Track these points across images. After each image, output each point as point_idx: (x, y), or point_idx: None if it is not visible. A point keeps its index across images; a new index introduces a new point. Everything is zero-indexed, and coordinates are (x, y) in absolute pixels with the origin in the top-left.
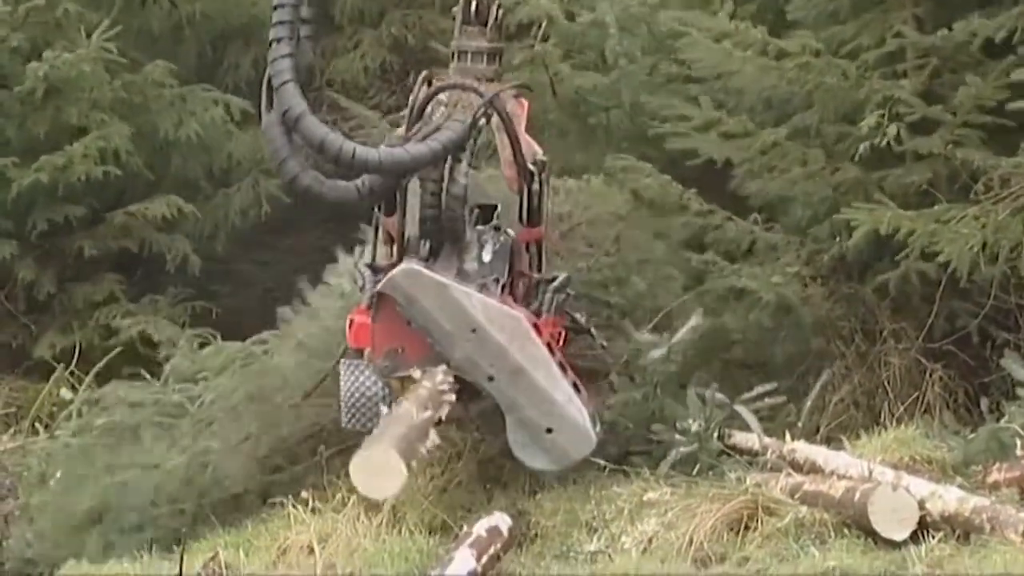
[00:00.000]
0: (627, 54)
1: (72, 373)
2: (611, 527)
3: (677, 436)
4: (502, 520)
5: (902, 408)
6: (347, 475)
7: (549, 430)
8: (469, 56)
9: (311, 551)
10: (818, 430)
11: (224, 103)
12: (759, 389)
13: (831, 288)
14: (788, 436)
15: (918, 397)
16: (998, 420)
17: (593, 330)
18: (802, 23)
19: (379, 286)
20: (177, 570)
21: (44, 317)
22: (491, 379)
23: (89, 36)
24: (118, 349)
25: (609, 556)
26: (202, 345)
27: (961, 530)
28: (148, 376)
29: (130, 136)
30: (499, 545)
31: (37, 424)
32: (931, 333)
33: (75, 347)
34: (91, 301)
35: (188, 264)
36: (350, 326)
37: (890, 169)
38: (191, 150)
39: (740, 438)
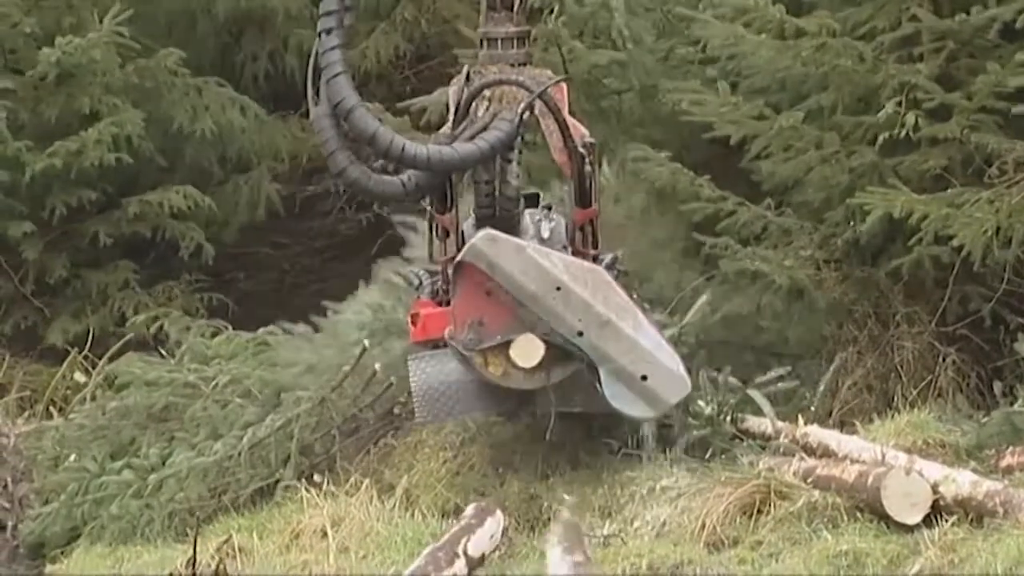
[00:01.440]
0: (634, 36)
1: (86, 357)
2: (624, 511)
3: (690, 420)
4: None
5: (915, 392)
6: (359, 458)
7: (644, 377)
8: (499, 42)
9: (324, 534)
10: (831, 414)
11: (240, 105)
12: (772, 373)
13: (844, 272)
14: (801, 420)
15: (931, 381)
16: (1011, 404)
17: (646, 306)
18: (818, 4)
19: (460, 255)
20: (191, 553)
21: (57, 301)
22: (580, 334)
23: (102, 20)
24: (131, 335)
25: (622, 540)
26: (214, 334)
27: (974, 514)
28: (162, 351)
29: (143, 122)
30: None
31: (51, 408)
32: (944, 317)
33: (88, 332)
34: (104, 288)
35: (203, 253)
36: (414, 320)
37: (906, 154)
38: (204, 141)
39: (753, 422)
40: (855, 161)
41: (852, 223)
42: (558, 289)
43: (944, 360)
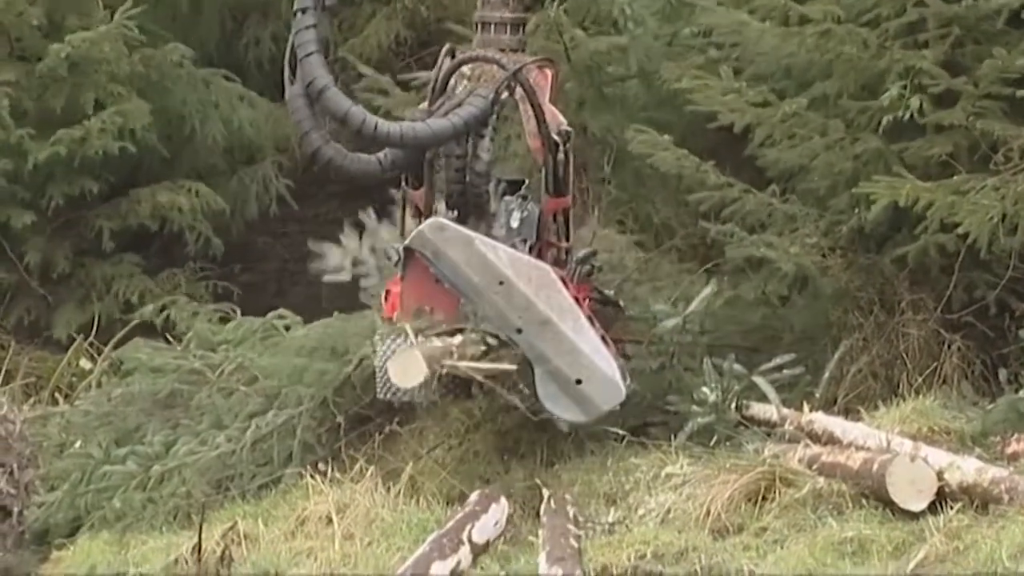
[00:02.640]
0: (635, 18)
1: (91, 344)
2: (629, 498)
3: (694, 407)
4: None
5: (920, 379)
6: (364, 447)
7: (578, 381)
8: (493, 27)
9: (329, 521)
10: (836, 401)
11: (249, 100)
12: (777, 360)
13: (850, 259)
14: (806, 407)
15: (936, 368)
16: (1017, 391)
17: (621, 302)
18: None
19: (406, 241)
20: (196, 540)
21: (61, 291)
22: (519, 331)
23: (108, 9)
24: (136, 322)
25: (627, 526)
26: (222, 320)
27: (979, 501)
28: (169, 339)
29: (148, 113)
30: None
31: (57, 394)
32: (950, 304)
33: (93, 321)
34: (109, 277)
35: (211, 246)
36: (386, 297)
37: (911, 141)
38: (207, 133)
39: (758, 409)
40: (860, 148)
41: (857, 210)
42: (501, 284)
43: (949, 347)
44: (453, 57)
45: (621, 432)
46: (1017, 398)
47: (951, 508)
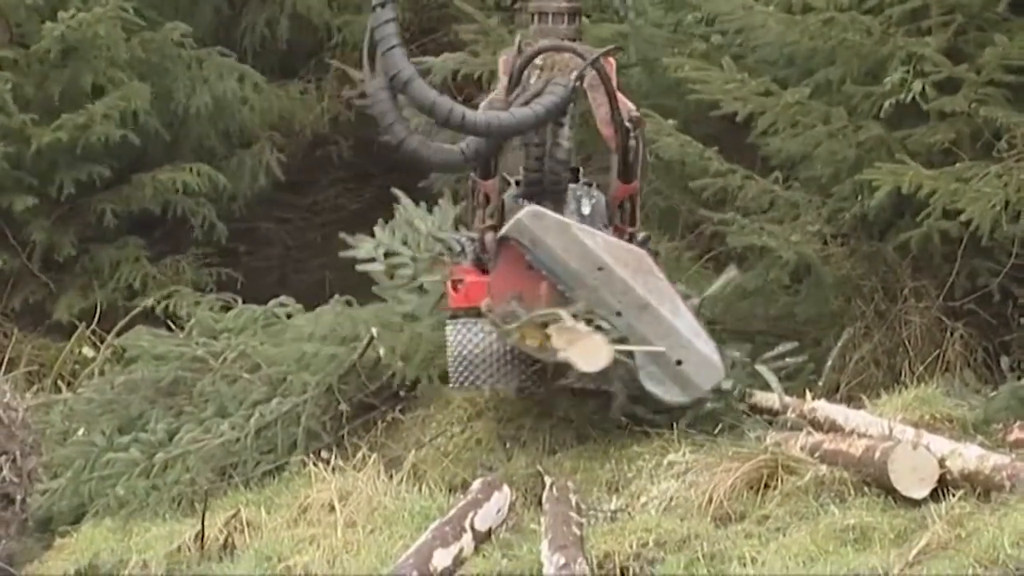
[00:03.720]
0: (636, 7)
1: (94, 332)
2: (631, 486)
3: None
4: None
5: (922, 367)
6: (368, 434)
7: (679, 362)
8: (550, 17)
9: (332, 508)
10: (838, 389)
11: (239, 73)
12: (779, 348)
13: (852, 247)
14: (808, 395)
15: (939, 355)
16: (1019, 378)
17: (682, 289)
18: None
19: (504, 230)
20: (199, 527)
21: (64, 277)
22: (619, 314)
23: None
24: (139, 308)
25: (629, 514)
26: (224, 308)
27: (981, 488)
28: (172, 327)
29: (148, 95)
30: None
31: (60, 382)
32: (952, 291)
33: (95, 308)
34: (113, 263)
35: (215, 231)
36: (455, 286)
37: (913, 128)
38: (206, 115)
39: (760, 397)
40: (863, 135)
41: (860, 198)
42: (600, 269)
43: (952, 335)
44: (520, 49)
45: (624, 419)
46: (1019, 385)
47: (953, 496)
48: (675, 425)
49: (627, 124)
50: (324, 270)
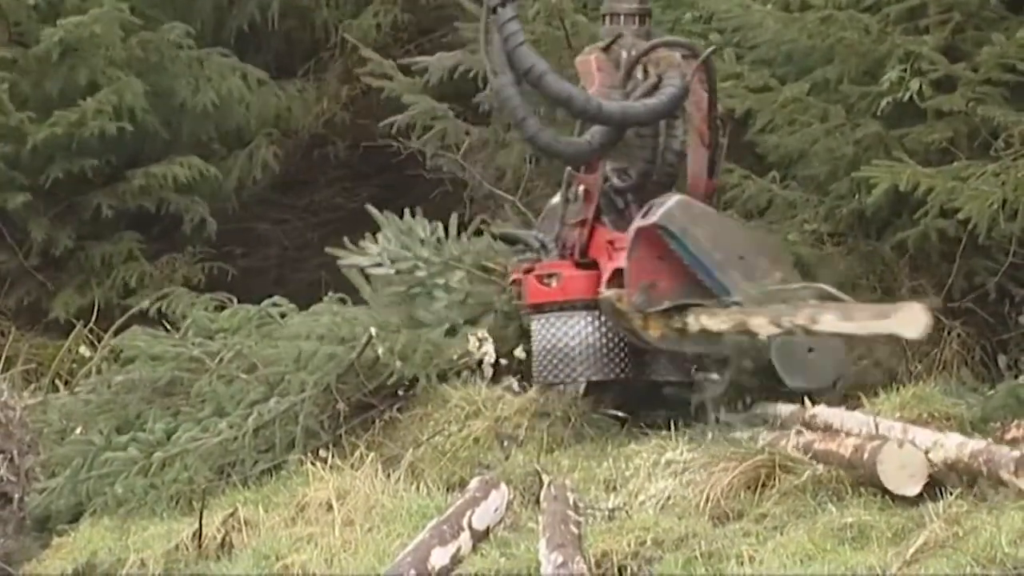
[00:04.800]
0: None
1: (91, 331)
2: (629, 484)
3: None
4: None
5: (920, 366)
6: (366, 433)
7: (810, 349)
8: (622, 18)
9: (329, 507)
10: (835, 388)
11: (241, 72)
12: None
13: (850, 246)
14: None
15: (936, 354)
16: (1016, 377)
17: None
18: None
19: (656, 218)
20: (197, 526)
21: (61, 275)
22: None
23: None
24: (136, 308)
25: (627, 513)
26: (219, 308)
27: (963, 476)
28: (168, 327)
29: (145, 94)
30: None
31: (57, 381)
32: (950, 291)
33: (93, 305)
34: (109, 259)
35: (206, 226)
36: (541, 279)
37: (911, 126)
38: (205, 113)
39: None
40: (860, 133)
41: (857, 196)
42: (741, 258)
43: (949, 333)
44: (609, 48)
45: (621, 415)
46: (1017, 384)
47: (950, 494)
48: (672, 425)
49: (718, 122)
50: (321, 270)
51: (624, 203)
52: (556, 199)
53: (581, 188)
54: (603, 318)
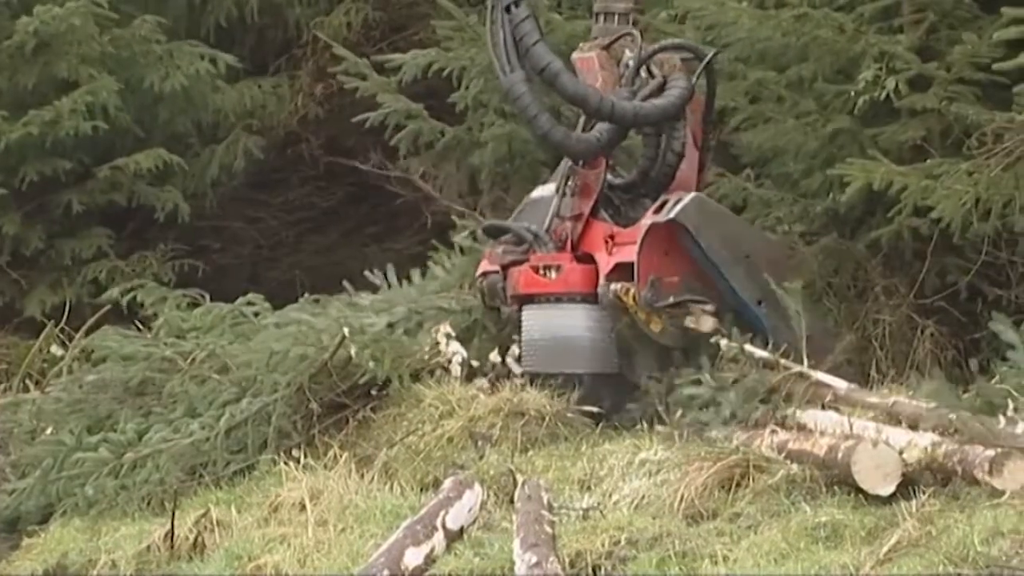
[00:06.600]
0: None
1: (62, 330)
2: (603, 484)
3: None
4: None
5: (892, 365)
6: (339, 433)
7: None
8: (616, 17)
9: (302, 508)
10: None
11: (210, 57)
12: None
13: (823, 245)
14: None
15: (909, 354)
16: (988, 379)
17: None
18: None
19: (672, 214)
20: (169, 526)
21: (33, 273)
22: (760, 303)
23: None
24: (108, 307)
25: (601, 512)
26: (191, 305)
27: (937, 475)
28: (140, 326)
29: (118, 91)
30: None
31: (28, 381)
32: (923, 289)
33: (65, 304)
34: (80, 257)
35: (179, 212)
36: (538, 270)
37: (884, 125)
38: (177, 104)
39: None
40: (832, 128)
41: (831, 194)
42: (747, 257)
43: (922, 333)
44: (609, 47)
45: (596, 411)
46: (987, 387)
47: (924, 493)
48: (645, 423)
49: (711, 123)
50: (295, 269)
51: (620, 200)
52: (536, 193)
53: (580, 182)
54: (602, 311)
